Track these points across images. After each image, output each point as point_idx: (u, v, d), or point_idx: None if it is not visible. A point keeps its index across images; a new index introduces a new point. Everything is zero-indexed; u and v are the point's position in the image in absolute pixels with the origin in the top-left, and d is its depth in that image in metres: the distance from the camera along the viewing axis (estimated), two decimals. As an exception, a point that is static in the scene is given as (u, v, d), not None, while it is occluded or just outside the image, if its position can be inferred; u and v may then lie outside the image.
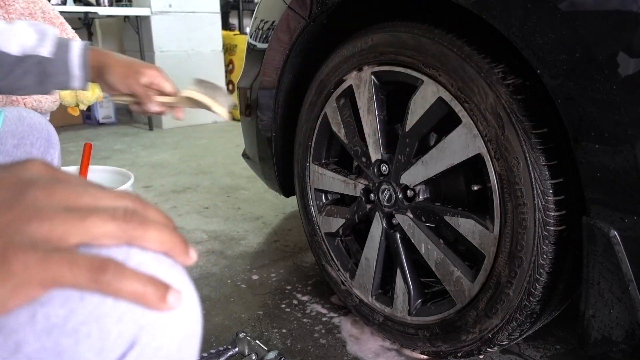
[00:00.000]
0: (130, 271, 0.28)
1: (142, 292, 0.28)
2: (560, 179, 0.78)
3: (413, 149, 0.99)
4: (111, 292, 0.28)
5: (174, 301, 0.29)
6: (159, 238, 0.31)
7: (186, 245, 0.33)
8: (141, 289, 0.28)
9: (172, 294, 0.29)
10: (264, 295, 1.39)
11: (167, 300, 0.29)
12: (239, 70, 4.13)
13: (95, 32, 4.54)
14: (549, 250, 0.79)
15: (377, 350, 1.13)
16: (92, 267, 0.27)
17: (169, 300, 0.29)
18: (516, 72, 0.81)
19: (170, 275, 0.31)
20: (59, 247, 0.28)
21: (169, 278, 0.31)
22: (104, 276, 0.27)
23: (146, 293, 0.28)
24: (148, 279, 0.29)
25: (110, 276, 0.27)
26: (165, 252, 0.32)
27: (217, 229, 1.88)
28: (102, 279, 0.27)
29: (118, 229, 0.29)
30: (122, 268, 0.28)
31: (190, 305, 0.33)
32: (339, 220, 1.21)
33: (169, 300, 0.29)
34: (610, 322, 0.73)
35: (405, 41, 0.94)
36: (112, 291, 0.28)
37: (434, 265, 0.99)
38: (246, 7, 5.21)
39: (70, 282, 0.27)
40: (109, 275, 0.27)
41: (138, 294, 0.28)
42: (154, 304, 0.29)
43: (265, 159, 1.42)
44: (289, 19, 1.18)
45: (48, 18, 1.57)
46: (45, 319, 0.28)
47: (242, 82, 1.45)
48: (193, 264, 0.33)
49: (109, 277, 0.27)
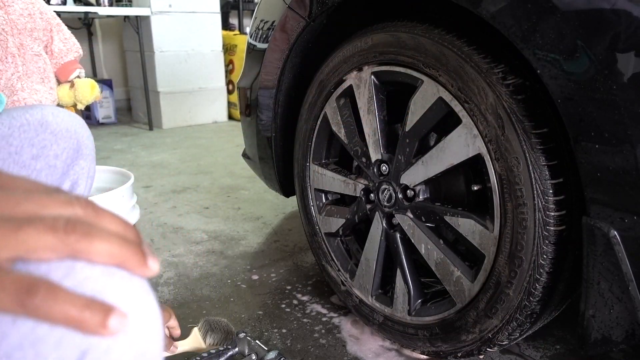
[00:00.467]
0: (63, 293, 0.25)
1: (78, 317, 0.25)
2: (560, 179, 0.78)
3: (413, 149, 0.99)
4: (41, 317, 0.25)
5: (117, 325, 0.26)
6: (107, 250, 0.28)
7: (143, 255, 0.29)
8: (76, 314, 0.25)
9: (114, 318, 0.26)
10: (264, 295, 1.39)
11: (108, 326, 0.26)
12: (239, 70, 4.13)
13: (95, 32, 4.54)
14: (549, 250, 0.79)
15: (377, 351, 1.13)
16: (18, 289, 0.24)
17: (110, 325, 0.26)
18: (516, 72, 0.81)
19: (121, 291, 0.29)
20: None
21: (118, 294, 0.28)
22: (31, 300, 0.24)
23: (83, 318, 0.25)
24: (85, 302, 0.26)
25: (40, 300, 0.25)
26: (118, 265, 0.29)
27: (217, 229, 1.88)
28: (30, 303, 0.25)
29: (57, 240, 0.26)
30: (55, 290, 0.25)
31: (144, 324, 0.30)
32: (339, 220, 1.21)
33: (109, 325, 0.26)
34: (610, 322, 0.73)
35: (405, 41, 0.94)
36: (42, 316, 0.25)
37: (434, 265, 0.99)
38: (246, 7, 5.21)
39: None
40: (37, 298, 0.25)
41: (73, 319, 0.25)
42: (92, 330, 0.26)
43: (265, 159, 1.42)
44: (289, 19, 1.18)
45: (46, 19, 1.58)
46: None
47: (242, 82, 1.45)
48: (155, 274, 0.30)
49: (37, 301, 0.25)
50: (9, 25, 1.43)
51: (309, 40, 1.20)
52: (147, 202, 2.19)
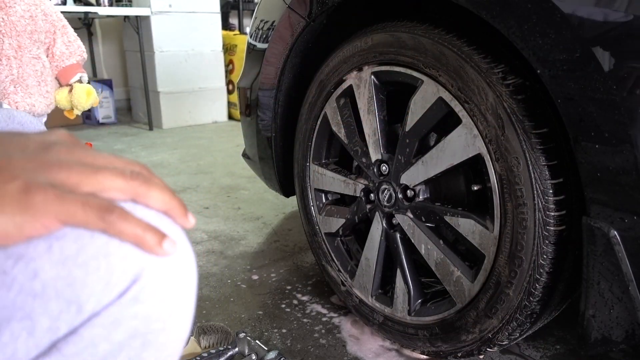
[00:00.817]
0: (132, 217, 0.32)
1: (141, 235, 0.32)
2: (560, 179, 0.78)
3: (413, 149, 0.99)
4: (115, 231, 0.32)
5: (169, 248, 0.33)
6: (161, 197, 0.35)
7: (185, 209, 0.36)
8: (140, 233, 0.32)
9: (167, 242, 0.33)
10: (264, 295, 1.39)
11: (163, 246, 0.33)
12: (239, 70, 4.13)
13: (95, 32, 4.54)
14: (549, 250, 0.79)
15: (377, 351, 1.13)
16: (100, 207, 0.31)
17: (165, 246, 0.33)
18: (516, 72, 0.81)
19: (169, 229, 0.35)
20: (74, 191, 0.32)
21: (167, 231, 0.34)
22: (109, 216, 0.31)
23: (145, 237, 0.32)
24: (147, 226, 0.32)
25: (115, 217, 0.31)
26: (166, 212, 0.35)
27: (217, 229, 1.88)
28: (108, 219, 0.31)
29: (125, 184, 0.33)
30: (126, 213, 0.32)
31: (186, 257, 0.36)
32: (339, 220, 1.21)
33: (164, 246, 0.33)
34: (610, 322, 0.73)
35: (405, 41, 0.94)
36: (116, 231, 0.32)
37: (434, 265, 0.99)
38: (246, 7, 5.21)
39: (80, 218, 0.31)
40: (114, 216, 0.31)
41: (137, 237, 0.32)
42: (150, 248, 0.32)
43: (265, 159, 1.42)
44: (289, 19, 1.18)
45: (50, 21, 1.55)
46: (60, 250, 0.31)
47: (242, 82, 1.45)
48: (191, 227, 0.37)
49: (113, 218, 0.31)
50: (8, 26, 1.42)
51: (309, 40, 1.20)
52: (147, 202, 2.18)
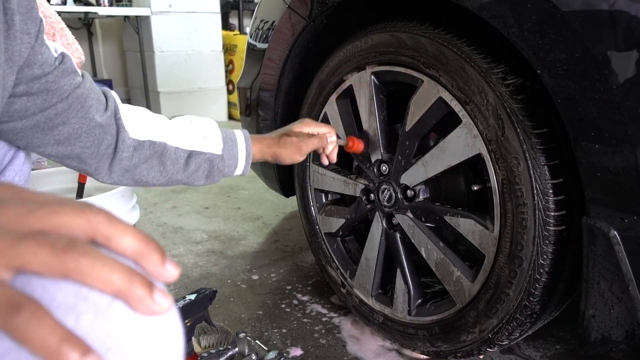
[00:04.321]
0: (48, 320, 0.24)
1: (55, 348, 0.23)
2: (560, 179, 0.78)
3: (413, 149, 0.99)
4: (19, 338, 0.24)
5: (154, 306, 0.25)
6: (129, 237, 0.27)
7: (150, 288, 0.26)
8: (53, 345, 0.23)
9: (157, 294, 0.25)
10: (264, 295, 1.39)
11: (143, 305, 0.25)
12: (239, 70, 4.13)
13: (95, 32, 4.54)
14: (549, 250, 0.79)
15: (377, 351, 1.13)
16: (5, 303, 0.24)
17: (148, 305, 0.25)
18: (516, 72, 0.81)
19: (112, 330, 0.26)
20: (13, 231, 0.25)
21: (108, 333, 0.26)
22: (14, 318, 0.23)
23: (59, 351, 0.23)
24: (66, 336, 0.24)
25: (23, 320, 0.23)
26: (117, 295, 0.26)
27: (217, 229, 1.88)
28: (12, 321, 0.23)
29: (53, 258, 0.25)
30: (40, 315, 0.24)
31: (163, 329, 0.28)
32: (339, 220, 1.21)
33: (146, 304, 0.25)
34: (610, 322, 0.73)
35: (405, 41, 0.94)
36: (20, 338, 0.24)
37: (434, 265, 0.99)
38: (246, 7, 5.21)
39: None
40: (21, 318, 0.23)
41: (49, 350, 0.24)
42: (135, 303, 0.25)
43: (265, 159, 1.41)
44: (289, 19, 1.18)
45: (49, 23, 1.55)
46: None
47: (242, 82, 1.45)
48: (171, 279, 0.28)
49: (20, 321, 0.23)
50: None
51: (309, 40, 1.20)
52: (147, 202, 2.19)
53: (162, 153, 0.82)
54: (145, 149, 0.81)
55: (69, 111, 0.70)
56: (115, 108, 0.78)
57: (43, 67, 0.65)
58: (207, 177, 0.88)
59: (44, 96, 0.66)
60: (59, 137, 0.71)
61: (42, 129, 0.69)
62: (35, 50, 0.63)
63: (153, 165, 0.82)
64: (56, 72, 0.67)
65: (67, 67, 0.69)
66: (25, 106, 0.65)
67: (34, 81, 0.64)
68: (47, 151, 0.72)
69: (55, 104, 0.68)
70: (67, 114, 0.70)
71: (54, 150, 0.73)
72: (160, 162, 0.82)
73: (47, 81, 0.66)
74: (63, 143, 0.72)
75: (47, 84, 0.66)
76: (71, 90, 0.69)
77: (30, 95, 0.65)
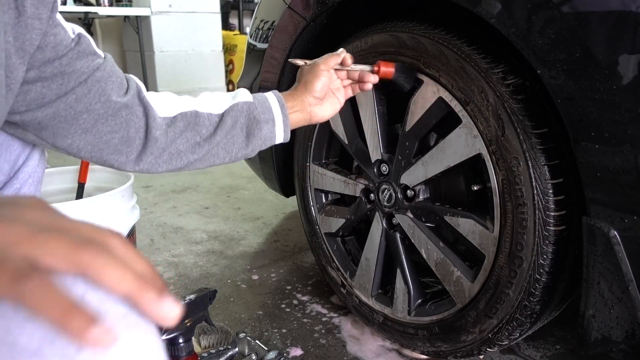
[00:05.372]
0: (54, 290, 0.25)
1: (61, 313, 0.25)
2: (560, 179, 0.78)
3: (413, 149, 0.99)
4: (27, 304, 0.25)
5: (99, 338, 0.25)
6: (117, 275, 0.27)
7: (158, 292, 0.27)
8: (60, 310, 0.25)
9: (97, 329, 0.25)
10: (264, 295, 1.39)
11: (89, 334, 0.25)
12: (239, 70, 4.13)
13: (95, 32, 4.54)
14: (549, 250, 0.79)
15: (377, 351, 1.13)
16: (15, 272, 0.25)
17: (92, 335, 0.25)
18: (516, 72, 0.81)
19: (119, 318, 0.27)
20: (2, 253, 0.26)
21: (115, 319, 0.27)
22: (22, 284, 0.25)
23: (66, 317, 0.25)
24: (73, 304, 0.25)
25: (31, 287, 0.25)
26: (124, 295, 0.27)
27: (217, 229, 1.88)
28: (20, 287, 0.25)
29: (70, 251, 0.26)
30: (47, 284, 0.25)
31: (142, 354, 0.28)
32: (339, 220, 1.21)
33: (91, 334, 0.25)
34: (610, 322, 0.73)
35: (405, 41, 0.94)
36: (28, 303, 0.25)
37: (434, 265, 0.99)
38: (246, 7, 5.21)
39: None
40: (29, 285, 0.25)
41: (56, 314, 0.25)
42: (73, 333, 0.25)
43: (265, 159, 1.41)
44: (289, 19, 1.18)
45: None
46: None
47: (242, 82, 1.45)
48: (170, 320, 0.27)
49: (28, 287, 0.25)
50: None
51: (309, 40, 1.20)
52: (147, 202, 2.19)
53: (195, 122, 0.78)
54: (178, 121, 0.77)
55: (89, 96, 0.67)
56: (138, 89, 0.75)
57: (57, 49, 0.62)
58: (248, 136, 0.82)
59: (60, 80, 0.63)
60: (85, 125, 0.68)
61: (64, 118, 0.66)
62: (47, 33, 0.60)
63: (189, 138, 0.78)
64: (71, 54, 0.64)
65: (83, 48, 0.66)
66: (42, 93, 0.63)
67: (46, 65, 0.61)
68: (75, 143, 0.69)
69: (73, 89, 0.65)
70: (88, 99, 0.67)
71: (82, 141, 0.69)
72: (195, 132, 0.78)
73: (61, 64, 0.63)
74: (90, 131, 0.69)
75: (62, 67, 0.63)
76: (89, 73, 0.66)
77: (45, 81, 0.62)
